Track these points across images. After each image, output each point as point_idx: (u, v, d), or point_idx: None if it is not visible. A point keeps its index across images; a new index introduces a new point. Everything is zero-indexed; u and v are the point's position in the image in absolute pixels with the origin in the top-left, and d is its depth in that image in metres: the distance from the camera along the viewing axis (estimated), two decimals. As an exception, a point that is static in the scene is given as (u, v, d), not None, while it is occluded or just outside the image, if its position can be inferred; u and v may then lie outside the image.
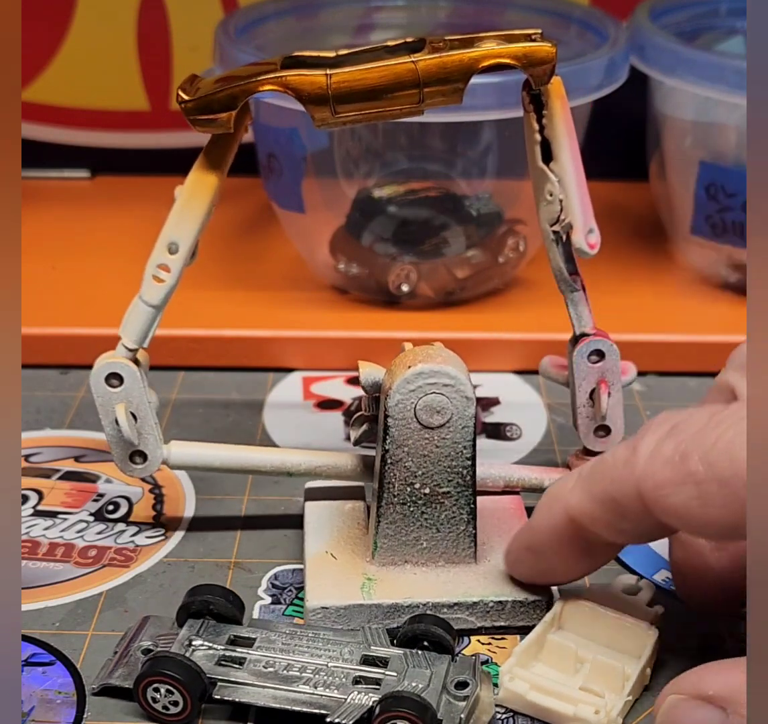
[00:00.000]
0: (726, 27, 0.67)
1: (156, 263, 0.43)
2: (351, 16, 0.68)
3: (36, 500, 0.49)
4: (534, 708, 0.37)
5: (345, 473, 0.46)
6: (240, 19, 0.62)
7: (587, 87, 0.55)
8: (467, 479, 0.42)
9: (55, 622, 0.42)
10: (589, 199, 0.42)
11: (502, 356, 0.59)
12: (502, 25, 0.66)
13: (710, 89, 0.57)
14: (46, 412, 0.56)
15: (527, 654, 0.39)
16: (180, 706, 0.37)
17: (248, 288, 0.63)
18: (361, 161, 0.60)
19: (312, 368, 0.59)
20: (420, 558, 0.43)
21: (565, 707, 0.37)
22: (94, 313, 0.59)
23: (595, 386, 0.45)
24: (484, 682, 0.39)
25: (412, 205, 0.60)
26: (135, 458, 0.45)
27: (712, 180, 0.60)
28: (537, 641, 0.39)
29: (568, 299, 0.45)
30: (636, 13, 0.63)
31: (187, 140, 0.75)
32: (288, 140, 0.59)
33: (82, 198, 0.75)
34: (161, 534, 0.47)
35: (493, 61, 0.40)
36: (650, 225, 0.69)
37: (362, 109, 0.40)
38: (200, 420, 0.55)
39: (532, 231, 0.61)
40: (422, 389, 0.41)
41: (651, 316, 0.61)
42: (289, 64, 0.41)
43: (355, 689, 0.37)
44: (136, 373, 0.44)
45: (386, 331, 0.58)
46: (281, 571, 0.45)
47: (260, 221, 0.71)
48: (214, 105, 0.40)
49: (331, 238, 0.62)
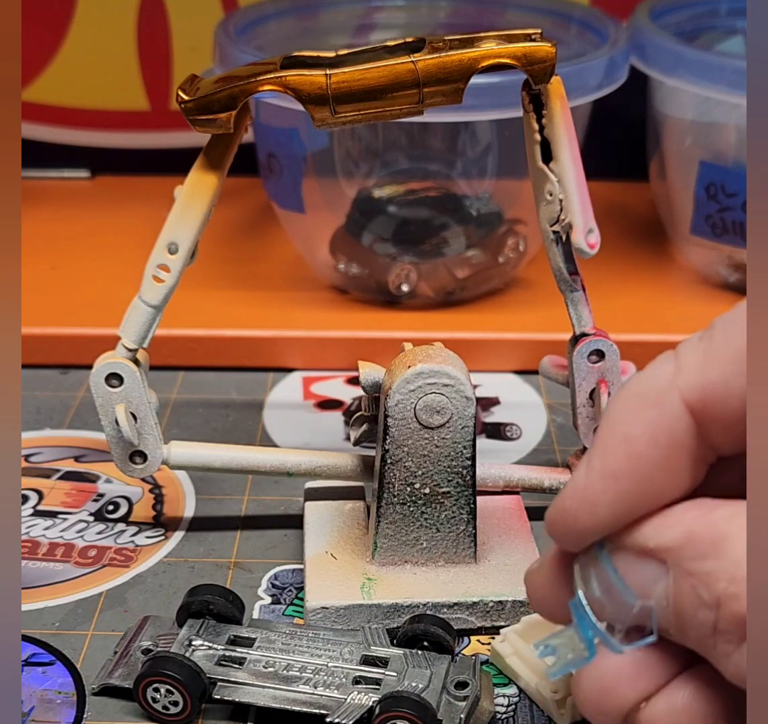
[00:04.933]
0: (726, 27, 0.67)
1: (156, 263, 0.43)
2: (351, 16, 0.68)
3: (36, 500, 0.49)
4: (508, 670, 0.40)
5: (345, 473, 0.46)
6: (240, 19, 0.62)
7: (587, 87, 0.55)
8: (467, 479, 0.42)
9: (55, 622, 0.42)
10: (589, 199, 0.42)
11: (502, 356, 0.59)
12: (502, 25, 0.66)
13: (710, 89, 0.57)
14: (46, 412, 0.56)
15: (534, 627, 0.40)
16: (180, 706, 0.37)
17: (248, 288, 0.63)
18: (361, 161, 0.60)
19: (312, 368, 0.59)
20: (420, 558, 0.43)
21: (530, 678, 0.39)
22: (94, 313, 0.59)
23: (595, 386, 0.45)
24: (484, 682, 0.39)
25: (412, 205, 0.60)
26: (135, 458, 0.45)
27: (712, 180, 0.60)
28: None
29: (568, 299, 0.45)
30: (636, 13, 0.63)
31: (187, 140, 0.75)
32: (288, 140, 0.59)
33: (82, 198, 0.75)
34: (161, 534, 0.47)
35: (492, 61, 0.40)
36: (650, 225, 0.69)
37: (362, 109, 0.40)
38: (200, 420, 0.55)
39: (532, 231, 0.61)
40: (422, 389, 0.41)
41: (651, 316, 0.61)
42: (289, 64, 0.41)
43: (355, 689, 0.37)
44: (136, 373, 0.44)
45: (386, 331, 0.59)
46: (281, 571, 0.45)
47: (260, 221, 0.71)
48: (214, 105, 0.40)
49: (331, 238, 0.62)
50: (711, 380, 0.27)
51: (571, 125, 0.42)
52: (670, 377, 0.28)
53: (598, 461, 0.29)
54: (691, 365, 0.28)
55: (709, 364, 0.28)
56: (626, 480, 0.28)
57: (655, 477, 0.28)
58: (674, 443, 0.28)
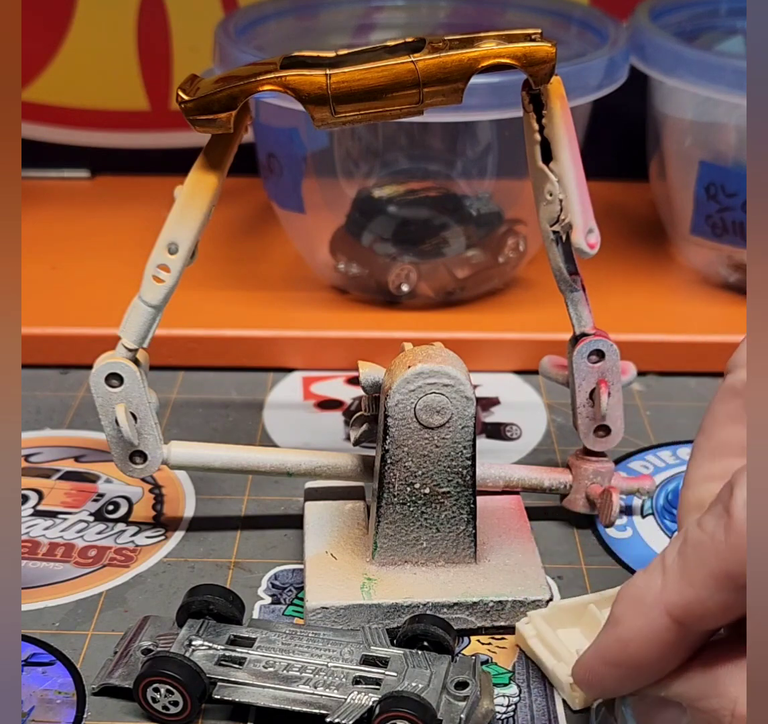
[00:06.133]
0: (726, 27, 0.67)
1: (156, 263, 0.43)
2: (351, 16, 0.68)
3: (36, 500, 0.49)
4: (530, 652, 0.41)
5: (345, 473, 0.46)
6: (240, 19, 0.62)
7: (587, 87, 0.55)
8: (467, 479, 0.42)
9: (55, 622, 0.42)
10: (589, 199, 0.42)
11: (502, 356, 0.59)
12: (502, 25, 0.66)
13: (710, 89, 0.57)
14: (46, 412, 0.56)
15: (560, 612, 0.41)
16: (180, 706, 0.37)
17: (248, 288, 0.63)
18: (361, 161, 0.60)
19: (312, 368, 0.59)
20: (420, 558, 0.43)
21: (548, 660, 0.40)
22: (94, 313, 0.59)
23: (595, 386, 0.45)
24: (484, 682, 0.39)
25: (412, 205, 0.60)
26: (135, 458, 0.45)
27: (711, 180, 0.60)
28: (577, 605, 0.41)
29: (568, 299, 0.45)
30: (636, 13, 0.63)
31: (187, 140, 0.75)
32: (288, 140, 0.59)
33: (82, 198, 0.75)
34: (161, 534, 0.47)
35: (492, 61, 0.40)
36: (650, 225, 0.69)
37: (362, 109, 0.40)
38: (200, 420, 0.55)
39: (532, 231, 0.61)
40: (422, 389, 0.41)
41: (651, 316, 0.61)
42: (289, 64, 0.41)
43: (355, 689, 0.37)
44: (136, 373, 0.44)
45: (386, 331, 0.59)
46: (281, 571, 0.45)
47: (260, 221, 0.71)
48: (214, 105, 0.40)
49: (331, 238, 0.62)
50: (689, 600, 0.32)
51: (571, 125, 0.42)
52: (657, 591, 0.33)
53: (600, 651, 0.35)
54: (674, 583, 0.32)
55: (685, 587, 0.32)
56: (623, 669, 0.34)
57: (645, 667, 0.34)
58: (662, 643, 0.33)
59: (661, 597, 0.33)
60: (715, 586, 0.31)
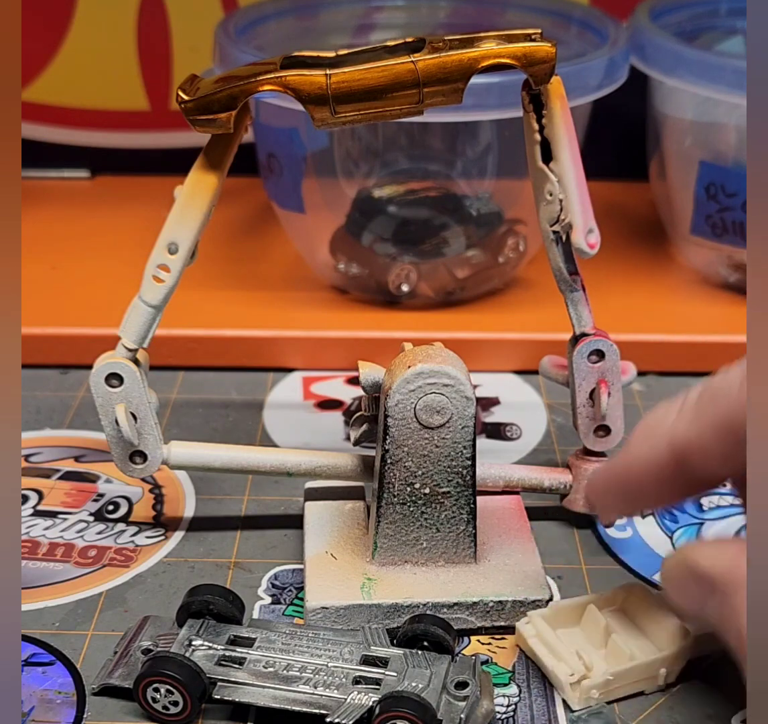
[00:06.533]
0: (726, 27, 0.67)
1: (156, 263, 0.43)
2: (351, 16, 0.68)
3: (36, 500, 0.49)
4: (530, 652, 0.41)
5: (345, 473, 0.46)
6: (240, 19, 0.62)
7: (587, 87, 0.55)
8: (467, 479, 0.42)
9: (55, 622, 0.42)
10: (589, 199, 0.42)
11: (502, 356, 0.59)
12: (502, 25, 0.66)
13: (710, 89, 0.57)
14: (46, 412, 0.56)
15: (560, 613, 0.41)
16: (180, 706, 0.37)
17: (248, 288, 0.63)
18: (361, 161, 0.60)
19: (312, 368, 0.59)
20: (420, 558, 0.43)
21: (548, 660, 0.40)
22: (94, 313, 0.59)
23: (595, 385, 0.45)
24: (484, 682, 0.39)
25: (412, 205, 0.60)
26: (135, 458, 0.45)
27: (711, 180, 0.60)
28: (577, 605, 0.41)
29: (568, 299, 0.45)
30: (636, 13, 0.63)
31: (187, 140, 0.75)
32: (288, 140, 0.59)
33: (82, 198, 0.75)
34: (161, 534, 0.47)
35: (492, 61, 0.40)
36: (650, 225, 0.69)
37: (362, 109, 0.40)
38: (200, 420, 0.55)
39: (532, 231, 0.61)
40: (422, 389, 0.41)
41: (651, 316, 0.61)
42: (289, 64, 0.41)
43: (355, 689, 0.37)
44: (136, 373, 0.44)
45: (386, 331, 0.59)
46: (281, 571, 0.45)
47: (260, 221, 0.71)
48: (214, 105, 0.40)
49: (331, 238, 0.62)
50: (690, 438, 0.34)
51: (571, 125, 0.42)
52: (668, 421, 0.35)
53: (609, 469, 0.38)
54: (684, 420, 0.35)
55: (694, 426, 0.34)
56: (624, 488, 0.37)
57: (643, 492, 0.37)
58: (660, 473, 0.35)
59: (669, 427, 0.35)
60: (718, 431, 0.33)
